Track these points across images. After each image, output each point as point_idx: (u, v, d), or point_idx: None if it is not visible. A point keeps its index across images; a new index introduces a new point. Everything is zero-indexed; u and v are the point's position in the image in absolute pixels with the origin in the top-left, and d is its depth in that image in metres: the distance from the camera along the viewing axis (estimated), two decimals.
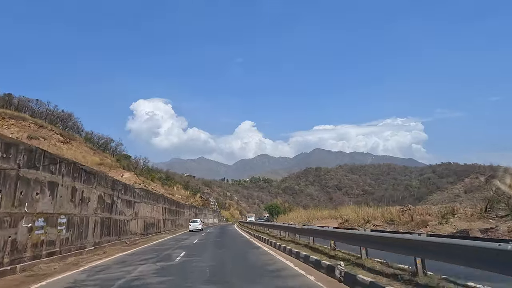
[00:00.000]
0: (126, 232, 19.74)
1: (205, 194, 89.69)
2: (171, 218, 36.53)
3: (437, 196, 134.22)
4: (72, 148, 44.15)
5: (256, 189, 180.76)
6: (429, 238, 5.35)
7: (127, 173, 46.32)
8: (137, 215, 22.43)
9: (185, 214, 46.57)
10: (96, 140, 55.65)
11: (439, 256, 4.78)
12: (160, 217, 30.65)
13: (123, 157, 57.43)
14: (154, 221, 27.97)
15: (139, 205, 23.17)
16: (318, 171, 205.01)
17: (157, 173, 63.74)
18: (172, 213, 37.26)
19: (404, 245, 5.71)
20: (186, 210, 48.28)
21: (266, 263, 9.42)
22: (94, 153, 48.63)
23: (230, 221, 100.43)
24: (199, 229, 34.16)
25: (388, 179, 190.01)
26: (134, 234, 21.41)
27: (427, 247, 5.03)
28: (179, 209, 42.62)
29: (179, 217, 42.71)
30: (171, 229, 35.74)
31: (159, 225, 29.87)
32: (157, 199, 30.18)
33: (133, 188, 22.83)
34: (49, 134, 42.38)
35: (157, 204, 29.47)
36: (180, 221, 42.96)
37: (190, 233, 30.03)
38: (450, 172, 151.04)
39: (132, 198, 21.41)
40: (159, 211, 30.35)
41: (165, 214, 32.95)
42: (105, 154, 52.79)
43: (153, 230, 27.27)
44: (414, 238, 5.50)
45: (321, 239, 10.82)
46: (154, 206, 27.93)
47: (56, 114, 46.65)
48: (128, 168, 54.32)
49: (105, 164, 43.02)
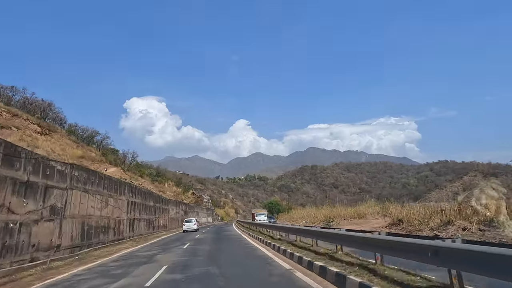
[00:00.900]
0: (18, 247, 10.05)
1: (198, 190, 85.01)
2: (145, 218, 26.88)
3: (436, 194, 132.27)
4: (51, 140, 40.09)
5: (251, 187, 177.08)
6: None
7: (112, 168, 42.24)
8: (61, 213, 12.91)
9: (170, 212, 39.27)
10: (80, 132, 51.31)
11: None
12: (123, 216, 20.86)
13: (110, 152, 53.18)
14: (109, 223, 18.21)
15: (69, 195, 13.61)
16: (314, 169, 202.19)
17: (147, 169, 59.53)
18: (147, 210, 27.88)
19: None
20: (171, 207, 40.47)
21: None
22: (77, 146, 44.60)
23: (226, 220, 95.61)
24: (194, 229, 32.66)
25: (385, 177, 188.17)
26: (48, 250, 11.78)
27: None
28: (160, 205, 33.64)
29: (161, 216, 33.89)
30: (146, 233, 26.40)
31: (120, 229, 19.98)
32: (117, 189, 20.14)
33: (50, 162, 12.53)
34: (24, 124, 38.20)
35: (116, 196, 19.72)
36: (162, 221, 34.43)
37: (171, 241, 20.60)
38: (448, 170, 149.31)
39: (43, 179, 11.60)
40: (122, 206, 20.62)
41: (133, 212, 23.24)
42: (89, 147, 48.64)
43: (105, 238, 17.48)
44: None
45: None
46: (109, 198, 18.38)
47: (34, 102, 42.16)
48: (115, 163, 50.21)
49: (87, 158, 38.97)
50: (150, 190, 34.50)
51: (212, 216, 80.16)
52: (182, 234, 28.57)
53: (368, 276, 5.77)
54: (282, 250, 11.44)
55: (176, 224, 41.67)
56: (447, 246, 4.52)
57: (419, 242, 5.11)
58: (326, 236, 9.68)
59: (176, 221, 42.18)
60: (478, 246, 4.21)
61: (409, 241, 5.35)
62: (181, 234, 28.74)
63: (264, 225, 22.31)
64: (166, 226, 36.11)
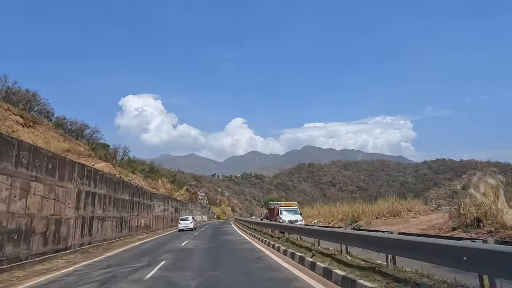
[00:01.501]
0: None
1: (192, 187, 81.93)
2: (114, 216, 19.81)
3: (435, 192, 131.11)
4: (36, 132, 37.40)
5: (247, 185, 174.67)
6: None
7: (101, 163, 39.53)
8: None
9: (155, 209, 31.96)
10: (68, 126, 48.51)
11: None
12: (69, 214, 13.85)
13: (101, 146, 50.45)
14: (31, 224, 11.04)
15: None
16: (311, 167, 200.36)
17: (140, 165, 56.82)
18: (119, 205, 20.86)
19: None
20: (157, 203, 33.23)
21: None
22: (64, 140, 41.93)
23: (222, 218, 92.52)
24: (190, 228, 32.16)
25: (382, 176, 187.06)
26: None
27: None
28: (140, 199, 26.36)
29: (142, 213, 26.60)
30: (115, 237, 19.65)
31: (59, 233, 12.99)
32: (55, 170, 12.69)
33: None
34: (5, 115, 35.46)
35: (53, 181, 12.52)
36: (144, 220, 27.23)
37: (138, 254, 13.45)
38: (446, 168, 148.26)
39: None
40: (66, 198, 13.61)
41: (91, 207, 16.24)
42: (77, 141, 45.91)
43: (22, 251, 10.49)
44: None
45: None
46: (34, 183, 11.25)
47: (17, 92, 39.26)
48: (105, 159, 47.55)
49: (73, 151, 36.30)
50: (124, 180, 25.87)
51: (208, 214, 77.08)
52: (164, 239, 20.97)
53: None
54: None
55: (164, 224, 35.86)
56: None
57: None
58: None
59: (164, 220, 36.19)
60: None
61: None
62: (163, 239, 21.18)
63: (283, 227, 15.11)
64: (150, 227, 29.31)
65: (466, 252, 3.97)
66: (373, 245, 6.50)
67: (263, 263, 9.34)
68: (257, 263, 9.37)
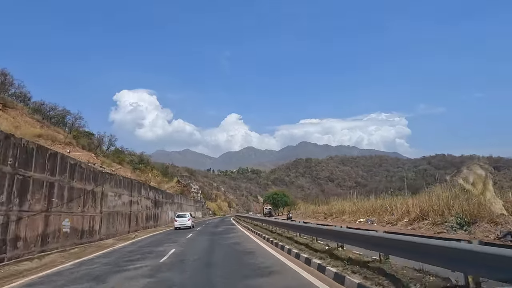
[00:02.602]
0: None
1: (184, 178, 76.50)
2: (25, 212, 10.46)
3: (436, 188, 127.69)
4: (5, 116, 32.51)
5: (244, 180, 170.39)
6: None
7: (79, 151, 34.74)
8: None
9: (112, 201, 20.03)
10: (47, 111, 43.52)
11: None
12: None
13: (84, 134, 45.48)
14: None
15: None
16: (309, 162, 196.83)
17: (128, 156, 51.98)
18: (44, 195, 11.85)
19: None
20: (112, 191, 20.01)
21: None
22: (41, 126, 37.13)
23: (218, 214, 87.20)
24: (188, 226, 27.93)
25: (381, 171, 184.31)
26: None
27: None
28: (53, 178, 12.77)
29: (77, 208, 15.03)
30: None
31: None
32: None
33: None
34: None
35: None
36: (88, 221, 16.21)
37: None
38: (447, 163, 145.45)
39: None
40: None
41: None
42: (56, 128, 41.00)
43: None
44: None
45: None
46: None
47: None
48: (89, 148, 42.71)
49: (46, 137, 31.49)
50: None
51: (202, 209, 70.87)
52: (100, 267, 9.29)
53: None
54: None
55: (130, 225, 23.39)
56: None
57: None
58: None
59: (130, 220, 23.28)
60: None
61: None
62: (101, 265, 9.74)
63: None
64: (93, 232, 16.76)
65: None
66: None
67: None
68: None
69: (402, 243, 5.30)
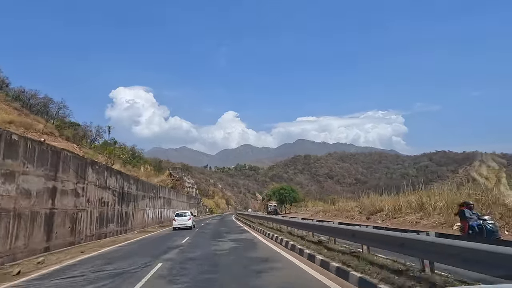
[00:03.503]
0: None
1: (177, 171, 70.65)
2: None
3: (439, 185, 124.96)
4: None
5: (241, 177, 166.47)
6: None
7: (61, 141, 30.82)
8: None
9: (60, 196, 12.63)
10: (27, 99, 39.56)
11: None
12: None
13: (69, 125, 41.52)
14: None
15: None
16: (307, 159, 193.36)
17: (118, 149, 47.99)
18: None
19: None
20: (69, 182, 13.57)
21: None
22: (20, 114, 33.24)
23: (215, 212, 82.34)
24: (188, 226, 24.00)
25: (381, 168, 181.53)
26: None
27: None
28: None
29: None
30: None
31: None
32: None
33: None
34: None
35: None
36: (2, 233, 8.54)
37: None
38: (449, 160, 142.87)
39: None
40: None
41: None
42: (36, 117, 37.05)
43: None
44: None
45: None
46: None
47: None
48: (74, 140, 38.79)
49: (18, 124, 27.58)
50: None
51: (198, 207, 64.04)
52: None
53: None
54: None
55: (52, 236, 12.10)
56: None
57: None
58: None
59: (53, 224, 12.28)
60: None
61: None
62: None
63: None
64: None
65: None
66: None
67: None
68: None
69: None
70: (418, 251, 5.06)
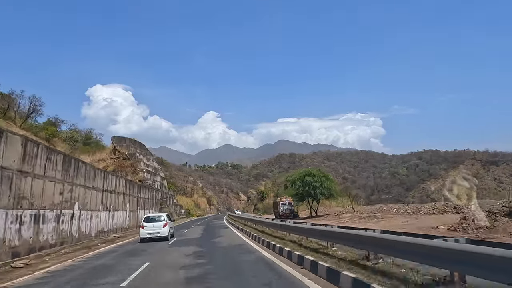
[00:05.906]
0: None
1: (130, 147, 42.02)
2: None
3: (432, 184, 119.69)
4: None
5: (223, 176, 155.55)
6: None
7: None
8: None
9: None
10: None
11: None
12: None
13: None
14: None
15: None
16: (293, 157, 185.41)
17: (67, 133, 36.59)
18: None
19: None
20: None
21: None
22: None
23: (195, 215, 68.71)
24: (163, 236, 16.59)
25: (367, 167, 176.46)
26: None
27: None
28: None
29: None
30: None
31: None
32: None
33: None
34: None
35: None
36: None
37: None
38: (439, 158, 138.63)
39: None
40: None
41: None
42: None
43: None
44: None
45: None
46: None
47: None
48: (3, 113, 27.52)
49: None
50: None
51: (168, 206, 45.73)
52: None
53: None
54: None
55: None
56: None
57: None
58: None
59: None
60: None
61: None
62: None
63: None
64: None
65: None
66: None
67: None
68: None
69: None
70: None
